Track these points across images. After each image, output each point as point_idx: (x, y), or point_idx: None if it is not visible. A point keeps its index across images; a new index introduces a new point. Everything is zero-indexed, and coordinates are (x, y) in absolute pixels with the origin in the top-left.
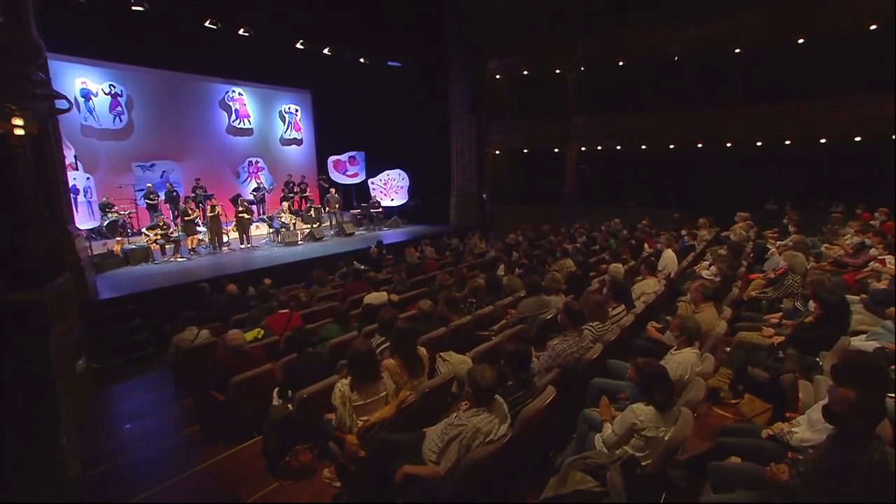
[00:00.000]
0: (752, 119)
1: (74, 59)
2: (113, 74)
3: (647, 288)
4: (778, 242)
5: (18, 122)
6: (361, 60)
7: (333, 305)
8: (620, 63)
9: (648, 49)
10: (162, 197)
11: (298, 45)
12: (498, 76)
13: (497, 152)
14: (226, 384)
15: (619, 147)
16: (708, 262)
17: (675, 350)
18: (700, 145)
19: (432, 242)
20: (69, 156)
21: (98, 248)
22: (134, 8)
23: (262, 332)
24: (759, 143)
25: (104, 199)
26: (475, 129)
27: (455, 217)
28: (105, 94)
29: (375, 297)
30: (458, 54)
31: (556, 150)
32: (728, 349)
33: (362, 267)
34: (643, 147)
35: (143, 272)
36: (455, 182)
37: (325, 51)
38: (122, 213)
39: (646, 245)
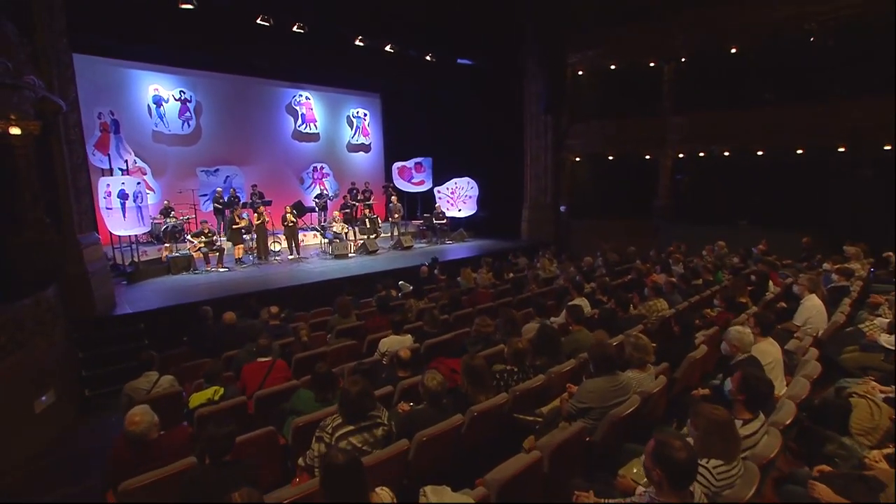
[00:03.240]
0: None
1: (148, 67)
2: (184, 81)
3: (772, 357)
4: None
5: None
6: (428, 58)
7: (338, 349)
8: (733, 49)
9: (771, 28)
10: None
11: (358, 42)
12: (580, 72)
13: (577, 158)
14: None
15: (727, 152)
16: (886, 318)
17: None
18: (841, 150)
19: (495, 262)
20: (128, 161)
21: (153, 253)
22: (183, 6)
23: (222, 390)
24: None
25: (166, 203)
26: (552, 133)
27: (527, 231)
28: (175, 99)
29: (391, 344)
30: (535, 48)
31: (647, 155)
32: None
33: (397, 293)
34: (760, 152)
35: (178, 283)
36: (528, 192)
37: (388, 48)
38: (181, 218)
39: (770, 282)
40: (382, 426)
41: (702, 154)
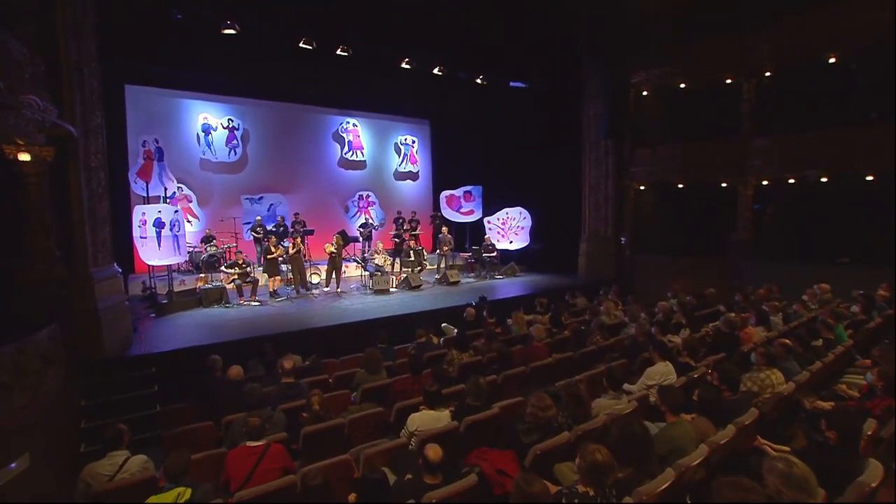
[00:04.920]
0: None
1: (199, 96)
2: (232, 109)
3: None
4: None
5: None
6: (479, 81)
7: (359, 421)
8: (831, 59)
9: (880, 32)
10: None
11: (405, 65)
12: (645, 92)
13: (641, 187)
14: None
15: (825, 178)
16: None
17: None
18: None
19: (551, 302)
20: (167, 188)
21: (191, 282)
22: (225, 31)
23: (188, 493)
24: None
25: (207, 231)
26: (613, 159)
27: (585, 266)
28: (224, 127)
29: (423, 422)
30: (594, 68)
31: (723, 183)
32: None
33: (438, 339)
34: (870, 177)
35: (206, 317)
36: (587, 223)
37: (437, 70)
38: (221, 247)
39: None
40: None
41: (791, 181)
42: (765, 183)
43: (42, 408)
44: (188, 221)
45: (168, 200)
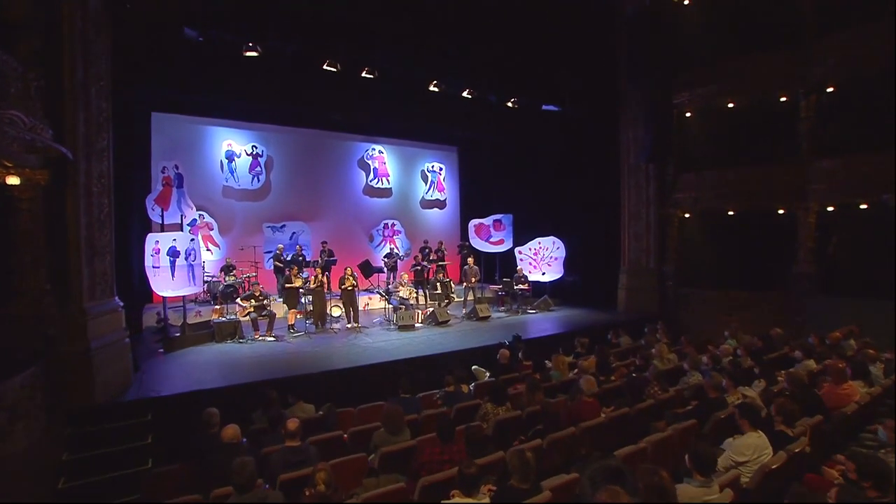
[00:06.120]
0: None
1: (223, 123)
2: (256, 136)
3: None
4: None
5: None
6: (510, 105)
7: (382, 497)
8: None
9: None
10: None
11: (433, 87)
12: (688, 113)
13: (686, 215)
14: None
15: None
16: None
17: None
18: None
19: (594, 343)
20: (188, 216)
21: (207, 314)
22: (247, 54)
23: None
24: None
25: (227, 260)
26: (655, 185)
27: (625, 300)
28: (247, 154)
29: None
30: (634, 87)
31: (780, 210)
32: None
33: (469, 388)
34: None
35: (217, 355)
36: (626, 254)
37: (466, 93)
38: (240, 276)
39: None
40: None
41: (864, 206)
42: (830, 209)
43: (4, 470)
44: (208, 250)
45: (189, 228)
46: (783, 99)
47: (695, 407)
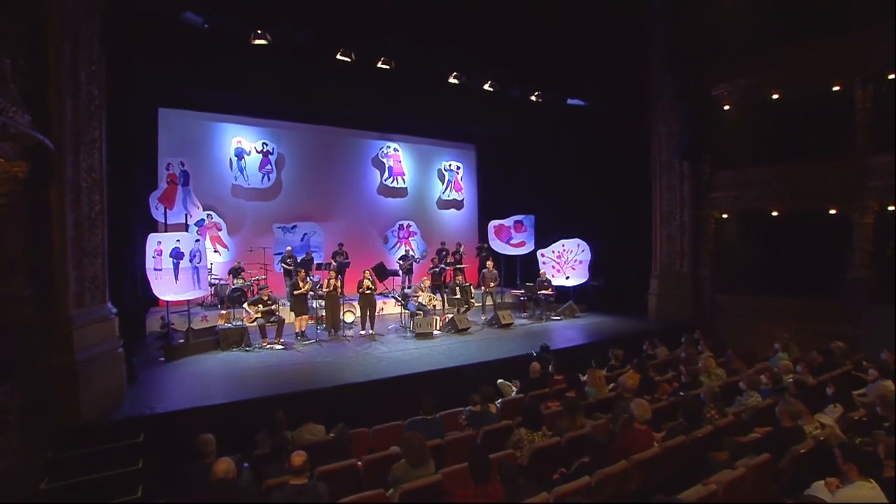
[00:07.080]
0: None
1: (233, 119)
2: (267, 132)
3: None
4: None
5: None
6: (533, 99)
7: None
8: None
9: None
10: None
11: (452, 80)
12: (726, 106)
13: (724, 216)
14: None
15: None
16: None
17: None
18: None
19: (631, 356)
20: (194, 215)
21: (214, 318)
22: (256, 42)
23: None
24: None
25: (236, 263)
26: (690, 183)
27: (656, 307)
28: (257, 152)
29: None
30: (667, 80)
31: (832, 210)
32: None
33: (496, 407)
34: None
35: (221, 365)
36: (658, 257)
37: (487, 86)
38: (249, 279)
39: None
40: None
41: None
42: (890, 208)
43: None
44: (216, 251)
45: (197, 228)
46: (836, 88)
47: (764, 437)
